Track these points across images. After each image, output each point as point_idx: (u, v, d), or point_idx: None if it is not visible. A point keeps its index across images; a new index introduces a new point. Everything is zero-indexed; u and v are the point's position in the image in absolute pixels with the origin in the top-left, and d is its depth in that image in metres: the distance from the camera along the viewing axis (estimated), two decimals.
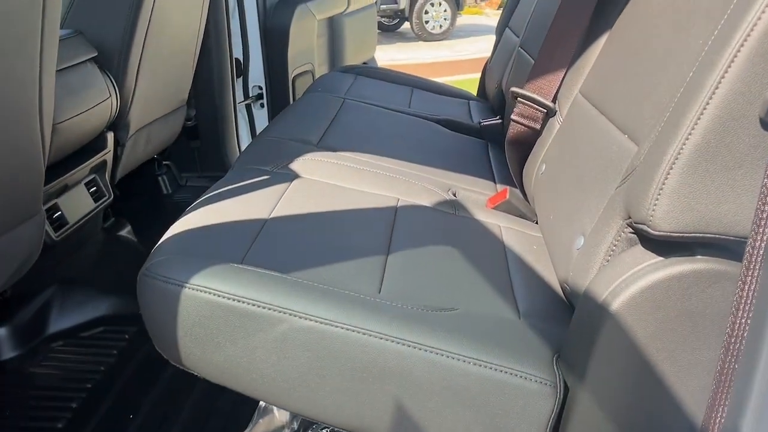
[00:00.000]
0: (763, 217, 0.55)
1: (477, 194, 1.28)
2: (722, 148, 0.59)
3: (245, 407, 1.28)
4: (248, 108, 2.68)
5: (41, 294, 1.54)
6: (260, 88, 2.68)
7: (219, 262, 0.80)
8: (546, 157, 1.09)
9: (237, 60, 2.56)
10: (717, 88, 0.58)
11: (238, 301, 0.75)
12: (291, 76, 2.70)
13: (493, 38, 2.20)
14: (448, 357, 0.72)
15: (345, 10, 3.00)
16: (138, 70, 1.77)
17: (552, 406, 0.71)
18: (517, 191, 1.25)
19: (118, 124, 1.79)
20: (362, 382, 0.73)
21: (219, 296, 0.75)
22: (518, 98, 1.14)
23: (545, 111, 1.12)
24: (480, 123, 1.73)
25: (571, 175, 0.92)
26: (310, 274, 0.82)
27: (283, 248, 0.89)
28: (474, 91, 2.29)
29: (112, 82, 1.71)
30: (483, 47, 9.35)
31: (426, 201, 1.18)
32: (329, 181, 1.19)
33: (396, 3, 10.17)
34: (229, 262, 0.80)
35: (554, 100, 1.11)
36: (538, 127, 1.13)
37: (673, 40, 0.77)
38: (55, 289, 1.57)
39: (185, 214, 1.00)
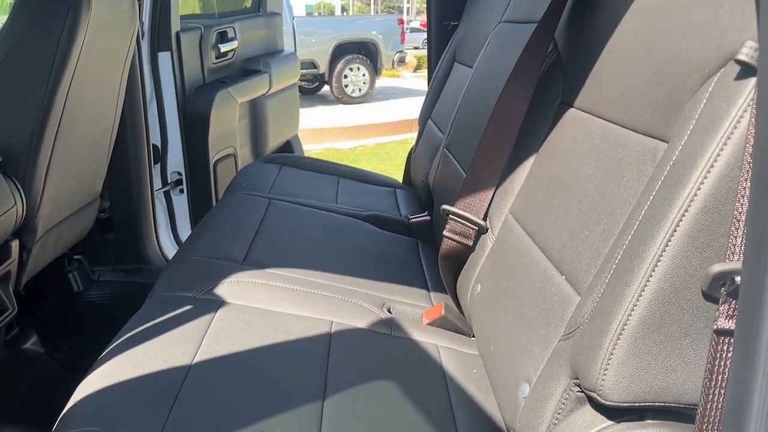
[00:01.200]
0: (711, 386, 0.54)
1: (412, 307, 1.25)
2: (667, 319, 0.59)
3: None
4: (167, 195, 2.58)
5: None
6: (179, 173, 2.60)
7: (138, 421, 0.72)
8: (480, 276, 1.08)
9: (155, 146, 2.47)
10: (659, 261, 0.58)
11: None
12: (212, 161, 2.63)
13: (410, 101, 2.24)
14: None
15: (267, 91, 2.99)
16: (47, 171, 1.66)
17: None
18: (452, 305, 1.23)
19: (23, 229, 1.66)
20: None
21: None
22: (449, 215, 1.13)
23: (476, 228, 1.12)
24: (408, 219, 1.73)
25: (509, 306, 0.91)
26: (243, 424, 0.76)
27: (207, 410, 0.82)
28: (396, 159, 2.30)
29: (17, 187, 1.59)
30: (401, 110, 9.62)
31: (360, 322, 1.13)
32: (257, 305, 1.12)
33: (316, 67, 10.37)
34: (148, 418, 0.72)
35: (485, 218, 1.11)
36: (470, 243, 1.13)
37: (604, 184, 0.78)
38: None
39: (97, 366, 0.91)
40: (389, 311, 1.21)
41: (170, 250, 2.54)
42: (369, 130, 8.69)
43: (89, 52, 1.67)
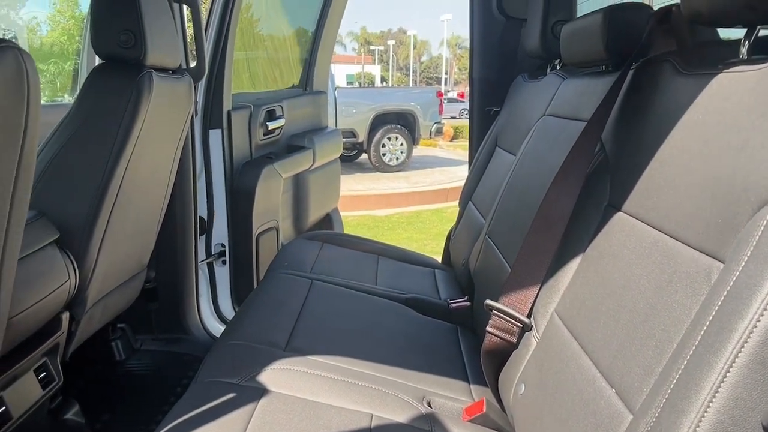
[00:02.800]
0: None
1: (452, 401, 1.23)
2: None
3: None
4: (210, 266, 2.63)
5: None
6: (223, 245, 2.65)
7: None
8: (523, 376, 1.06)
9: (201, 218, 2.54)
10: (717, 392, 0.57)
11: None
12: (255, 234, 2.69)
13: (446, 171, 2.29)
14: None
15: (311, 166, 3.08)
16: (100, 246, 1.72)
17: None
18: (493, 401, 1.21)
19: (74, 302, 1.71)
20: None
21: None
22: (493, 311, 1.13)
23: (521, 325, 1.11)
24: (448, 303, 1.72)
25: (556, 414, 0.89)
26: None
27: None
28: (432, 226, 2.31)
29: (72, 262, 1.65)
30: (438, 179, 9.74)
31: (400, 416, 1.12)
32: (299, 395, 1.12)
33: (355, 136, 10.63)
34: None
35: (529, 315, 1.11)
36: (514, 340, 1.12)
37: (655, 297, 0.77)
38: None
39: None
40: (429, 405, 1.19)
41: (210, 320, 2.57)
42: (405, 198, 8.79)
43: (147, 134, 1.76)
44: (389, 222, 7.30)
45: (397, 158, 10.94)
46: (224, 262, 2.67)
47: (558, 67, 1.86)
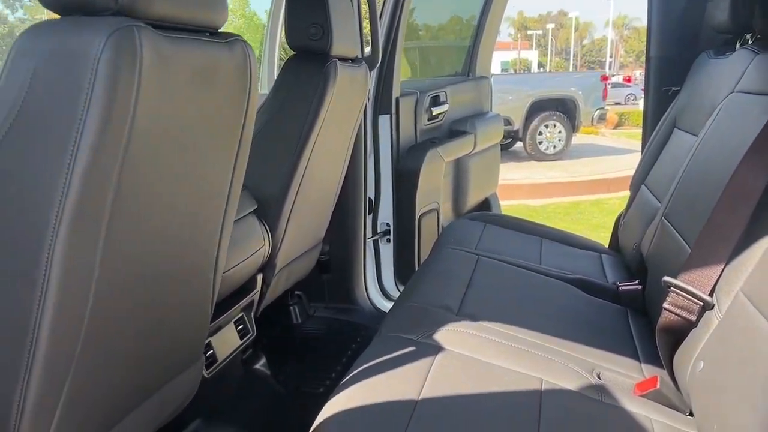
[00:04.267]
0: None
1: (623, 377, 1.24)
2: None
3: None
4: (375, 244, 2.80)
5: (189, 424, 1.63)
6: (388, 225, 2.81)
7: None
8: (703, 354, 1.05)
9: (369, 199, 2.72)
10: None
11: None
12: (418, 214, 2.81)
13: (608, 159, 2.23)
14: None
15: (472, 150, 3.14)
16: (288, 219, 1.94)
17: None
18: (668, 379, 1.20)
19: (266, 265, 1.94)
20: None
21: None
22: (671, 288, 1.13)
23: (701, 304, 1.09)
24: (617, 286, 1.70)
25: (743, 394, 0.88)
26: None
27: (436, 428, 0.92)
28: (592, 220, 2.27)
29: (266, 230, 1.87)
30: (598, 169, 9.26)
31: (570, 384, 1.16)
32: (472, 355, 1.21)
33: (510, 124, 10.42)
34: None
35: (711, 294, 1.09)
36: (693, 318, 1.11)
37: None
38: (199, 423, 1.66)
39: (339, 391, 1.05)
40: (599, 377, 1.21)
41: (374, 293, 2.75)
42: (562, 188, 8.49)
43: (330, 118, 1.94)
44: (545, 212, 7.12)
45: (554, 146, 10.55)
46: (388, 241, 2.83)
47: (750, 42, 1.75)
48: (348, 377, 1.11)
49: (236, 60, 1.17)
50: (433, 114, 2.94)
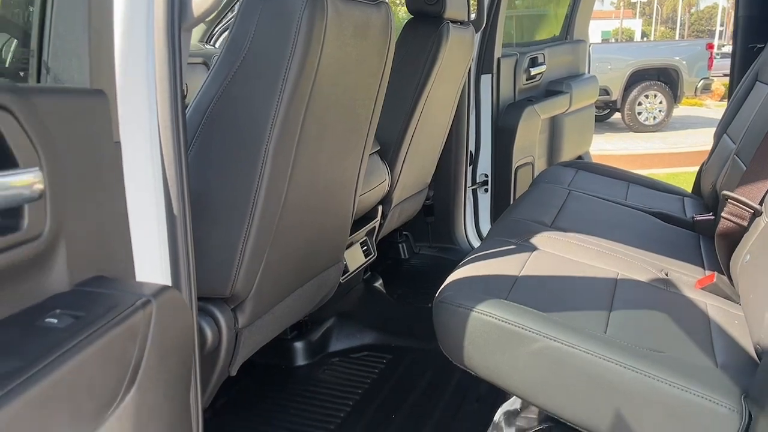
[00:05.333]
0: None
1: (687, 276, 1.52)
2: None
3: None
4: (474, 193, 3.13)
5: (325, 322, 2.06)
6: (486, 176, 3.12)
7: (491, 297, 1.18)
8: (750, 249, 1.32)
9: (470, 151, 3.04)
10: None
11: (508, 324, 1.11)
12: (514, 167, 3.10)
13: (711, 131, 2.41)
14: (659, 381, 1.01)
15: (567, 109, 3.38)
16: (404, 160, 2.30)
17: (737, 428, 0.95)
18: (724, 277, 1.46)
19: (385, 200, 2.33)
20: (591, 390, 1.04)
21: (494, 319, 1.13)
22: (729, 200, 1.39)
23: (752, 212, 1.35)
24: (693, 218, 1.95)
25: None
26: (553, 310, 1.17)
27: (531, 295, 1.25)
28: (688, 187, 2.48)
29: (387, 168, 2.25)
30: (699, 141, 8.96)
31: (641, 277, 1.46)
32: (562, 254, 1.53)
33: (608, 94, 10.23)
34: (497, 298, 1.18)
35: (761, 203, 1.34)
36: (745, 224, 1.36)
37: None
38: (335, 319, 2.09)
39: (459, 267, 1.41)
40: (666, 275, 1.50)
41: (472, 236, 3.08)
42: (660, 159, 8.33)
43: (441, 74, 2.27)
44: None
45: (654, 117, 10.25)
46: (486, 190, 3.14)
47: None
48: (462, 263, 1.46)
49: (382, 19, 1.53)
50: (531, 74, 3.19)
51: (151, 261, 0.88)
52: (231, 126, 1.22)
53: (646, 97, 10.17)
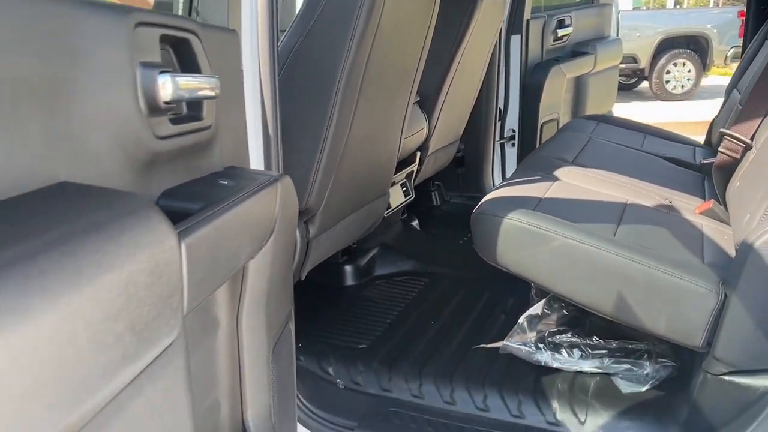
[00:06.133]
0: None
1: (688, 204, 1.77)
2: None
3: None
4: (502, 147, 3.37)
5: (371, 250, 2.35)
6: (513, 131, 3.36)
7: (521, 207, 1.45)
8: (741, 175, 1.56)
9: (499, 108, 3.27)
10: None
11: (533, 227, 1.39)
12: (540, 123, 3.34)
13: None
14: (655, 270, 1.28)
15: (591, 70, 3.58)
16: (440, 112, 2.56)
17: (713, 305, 1.22)
18: (720, 205, 1.71)
19: (423, 147, 2.59)
20: (599, 278, 1.32)
21: (522, 223, 1.40)
22: (725, 136, 1.63)
23: (744, 146, 1.59)
24: (701, 162, 2.18)
25: (753, 183, 1.40)
26: (569, 218, 1.44)
27: (554, 208, 1.52)
28: None
29: (425, 117, 2.51)
30: None
31: (648, 203, 1.71)
32: (580, 185, 1.78)
33: (636, 62, 10.20)
34: (527, 208, 1.45)
35: (752, 138, 1.58)
36: (737, 157, 1.61)
37: None
38: (378, 248, 2.38)
39: (496, 189, 1.68)
40: (670, 203, 1.75)
41: None
42: (684, 127, 8.41)
43: (476, 34, 2.50)
44: None
45: (682, 86, 10.19)
46: (513, 145, 3.38)
47: None
48: (495, 187, 1.73)
49: None
50: (558, 35, 3.40)
51: (257, 165, 1.17)
52: (311, 64, 1.49)
53: (675, 65, 10.09)
